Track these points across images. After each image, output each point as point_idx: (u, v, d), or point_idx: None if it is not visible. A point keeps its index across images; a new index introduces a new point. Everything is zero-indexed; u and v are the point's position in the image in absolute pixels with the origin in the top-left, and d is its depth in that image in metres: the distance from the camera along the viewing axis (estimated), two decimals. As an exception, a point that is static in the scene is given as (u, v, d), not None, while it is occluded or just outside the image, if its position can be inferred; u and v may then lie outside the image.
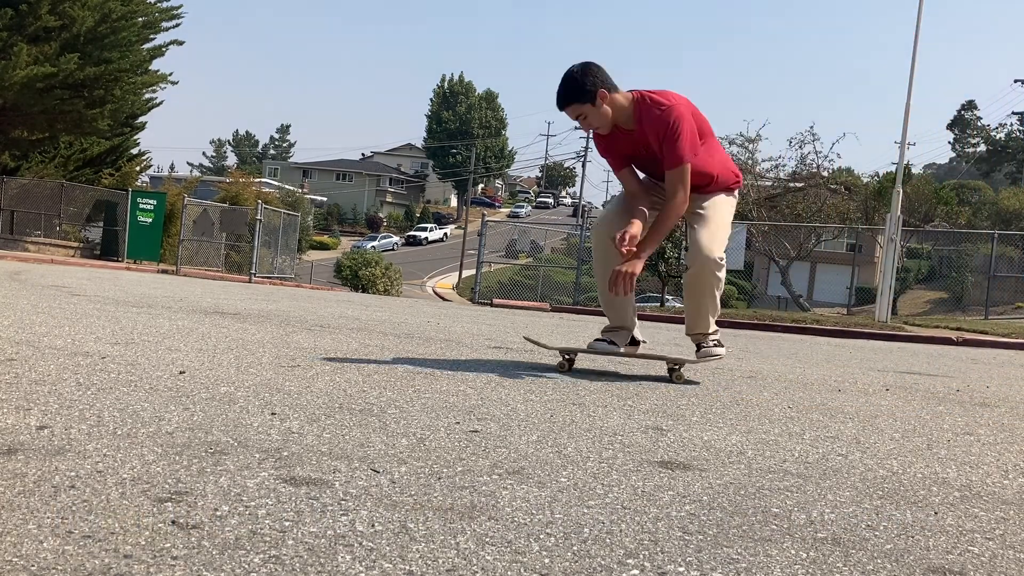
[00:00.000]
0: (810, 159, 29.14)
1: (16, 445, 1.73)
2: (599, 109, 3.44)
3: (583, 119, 3.50)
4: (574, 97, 3.44)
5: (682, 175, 3.45)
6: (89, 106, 17.67)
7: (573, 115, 3.50)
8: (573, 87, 3.43)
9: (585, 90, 3.42)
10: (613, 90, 3.47)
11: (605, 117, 3.47)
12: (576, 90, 3.43)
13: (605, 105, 3.44)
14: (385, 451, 1.94)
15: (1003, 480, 2.15)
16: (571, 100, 3.45)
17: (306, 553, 1.26)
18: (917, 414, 3.23)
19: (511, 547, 1.36)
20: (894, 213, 12.41)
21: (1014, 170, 67.19)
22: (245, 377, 2.85)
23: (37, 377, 2.53)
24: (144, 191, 21.60)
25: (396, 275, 28.15)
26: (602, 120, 3.48)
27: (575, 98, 3.44)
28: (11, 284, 7.21)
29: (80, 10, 16.60)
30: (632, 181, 3.69)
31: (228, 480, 1.60)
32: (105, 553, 1.20)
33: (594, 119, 3.48)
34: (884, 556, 1.45)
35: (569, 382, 3.39)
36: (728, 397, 3.32)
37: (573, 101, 3.45)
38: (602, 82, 3.44)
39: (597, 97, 3.42)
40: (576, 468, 1.92)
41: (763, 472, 2.03)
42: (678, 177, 3.45)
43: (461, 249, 43.56)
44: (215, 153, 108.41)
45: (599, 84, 3.43)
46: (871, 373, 4.84)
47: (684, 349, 4.76)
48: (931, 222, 30.77)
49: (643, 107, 3.48)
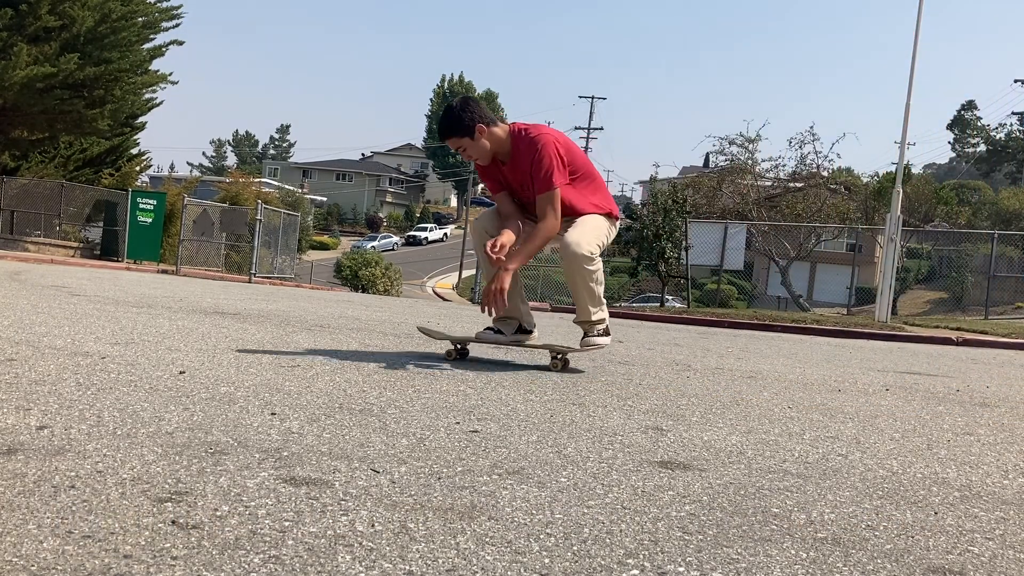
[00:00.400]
0: (810, 159, 29.13)
1: (16, 445, 1.73)
2: (477, 143, 3.66)
3: (463, 151, 3.72)
4: (453, 131, 3.67)
5: (551, 199, 3.63)
6: (89, 106, 17.67)
7: (453, 147, 3.73)
8: (452, 121, 3.66)
9: (464, 124, 3.64)
10: (491, 124, 3.68)
11: (483, 149, 3.69)
12: (455, 124, 3.65)
13: (483, 139, 3.66)
14: (385, 451, 1.94)
15: (1003, 480, 2.15)
16: (451, 134, 3.68)
17: (306, 553, 1.26)
18: (917, 414, 3.23)
19: (511, 547, 1.36)
20: (894, 213, 12.41)
21: (1014, 170, 67.20)
22: (245, 377, 2.85)
23: (37, 377, 2.53)
24: (144, 191, 21.58)
25: (396, 275, 28.18)
26: (480, 152, 3.70)
27: (454, 132, 3.66)
28: (11, 284, 7.21)
29: (80, 10, 16.60)
30: (507, 204, 3.84)
31: (228, 480, 1.60)
32: (105, 553, 1.20)
33: (472, 151, 3.70)
34: (884, 556, 1.45)
35: (569, 382, 3.39)
36: (728, 397, 3.33)
37: (453, 135, 3.68)
38: (480, 117, 3.66)
39: (475, 131, 3.64)
40: (576, 468, 1.92)
41: (763, 472, 2.03)
42: (547, 201, 3.63)
43: (461, 249, 43.57)
44: (215, 153, 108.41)
45: (477, 119, 3.64)
46: (871, 373, 4.84)
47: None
48: (931, 222, 30.78)
49: (517, 138, 3.69)
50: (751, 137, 29.38)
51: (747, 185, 29.36)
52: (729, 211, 27.68)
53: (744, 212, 27.85)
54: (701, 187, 29.49)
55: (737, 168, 29.67)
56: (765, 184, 30.40)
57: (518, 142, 3.68)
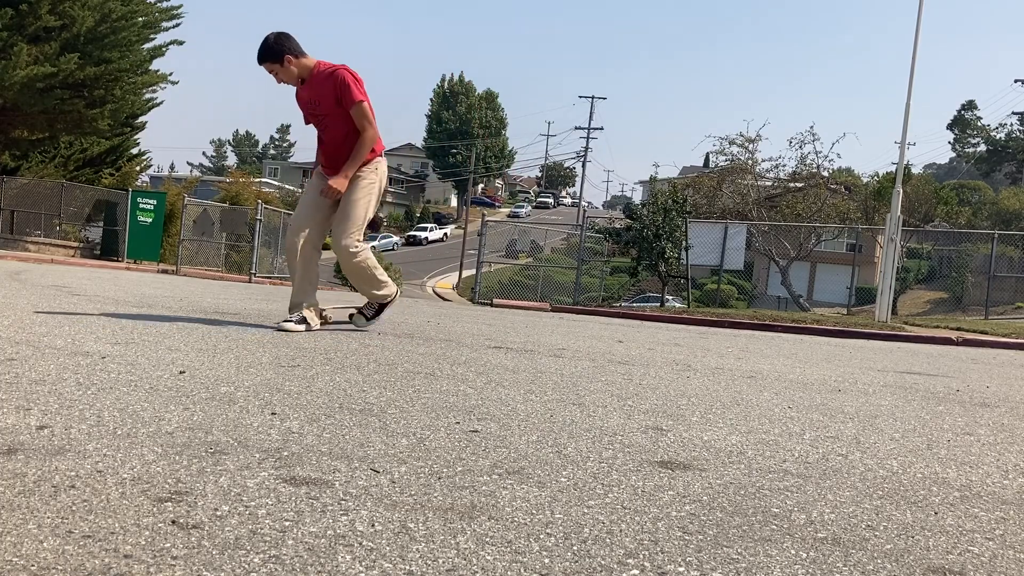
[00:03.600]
0: (810, 159, 29.15)
1: (16, 445, 1.73)
2: (287, 68, 4.56)
3: (275, 74, 4.59)
4: (268, 57, 4.53)
5: (363, 112, 4.58)
6: (89, 106, 17.66)
7: (268, 70, 4.58)
8: (267, 49, 4.53)
9: (276, 51, 4.53)
10: (300, 55, 4.59)
11: (291, 74, 4.60)
12: (269, 51, 4.53)
13: (291, 67, 4.55)
14: (385, 451, 1.94)
15: (1003, 480, 2.15)
16: (266, 59, 4.54)
17: (306, 553, 1.26)
18: (917, 414, 3.23)
19: (511, 547, 1.36)
20: (894, 213, 12.41)
21: (1014, 170, 67.19)
22: (245, 377, 2.85)
23: (37, 377, 2.53)
24: (144, 191, 21.57)
25: (396, 275, 28.15)
26: (289, 76, 4.60)
27: (268, 58, 4.53)
28: (11, 284, 7.21)
29: (80, 10, 16.59)
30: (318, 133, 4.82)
31: (228, 480, 1.60)
32: (105, 553, 1.20)
33: (283, 75, 4.60)
34: (884, 556, 1.45)
35: (569, 382, 3.39)
36: (728, 397, 3.32)
37: (267, 60, 4.54)
38: (290, 49, 4.55)
39: (284, 60, 4.53)
40: (576, 468, 1.92)
41: (763, 472, 2.03)
42: (360, 114, 4.58)
43: (461, 249, 43.54)
44: (215, 153, 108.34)
45: (286, 50, 4.53)
46: (871, 373, 4.84)
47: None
48: (931, 222, 30.78)
49: (318, 68, 4.60)
50: (751, 137, 29.42)
51: (747, 185, 29.36)
52: (729, 211, 27.68)
53: (744, 212, 27.85)
54: (701, 187, 29.51)
55: (737, 168, 29.68)
56: (765, 184, 30.41)
57: (319, 71, 4.60)
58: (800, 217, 27.33)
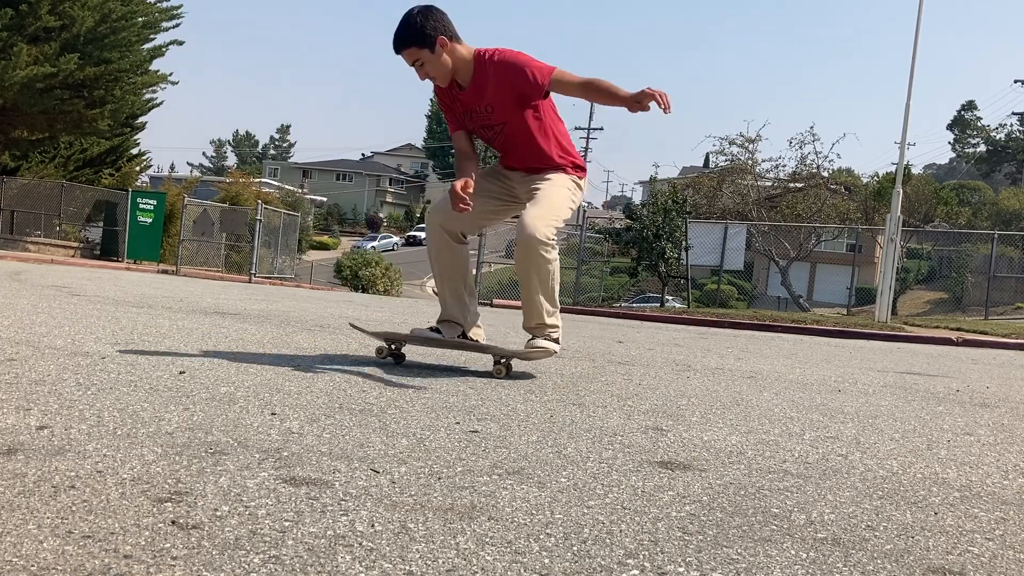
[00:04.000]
0: (810, 159, 29.13)
1: (16, 445, 1.73)
2: (438, 57, 3.28)
3: (419, 65, 3.31)
4: (413, 40, 3.26)
5: (562, 76, 3.33)
6: (89, 106, 17.67)
7: (410, 60, 3.31)
8: (412, 30, 3.25)
9: (425, 34, 3.24)
10: (455, 39, 3.32)
11: (444, 67, 3.31)
12: (415, 34, 3.25)
13: (445, 54, 3.28)
14: (385, 451, 1.94)
15: (1003, 480, 2.15)
16: (409, 43, 3.27)
17: (306, 553, 1.26)
18: (917, 414, 3.23)
19: (511, 547, 1.36)
20: (894, 213, 12.41)
21: (1014, 170, 67.20)
22: (245, 377, 2.85)
23: (37, 377, 2.53)
24: (144, 191, 21.59)
25: (396, 275, 28.14)
26: (440, 70, 3.32)
27: (413, 41, 3.26)
28: (11, 284, 7.21)
29: (80, 10, 16.59)
30: (464, 142, 3.53)
31: (228, 480, 1.60)
32: (105, 553, 1.20)
33: (431, 67, 3.30)
34: (884, 556, 1.45)
35: (569, 382, 3.39)
36: (728, 397, 3.32)
37: (411, 44, 3.27)
38: (444, 28, 3.28)
39: (436, 43, 3.26)
40: (576, 468, 1.92)
41: (763, 472, 2.03)
42: (563, 79, 3.33)
43: (461, 249, 43.47)
44: (215, 153, 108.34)
45: (440, 30, 3.26)
46: (871, 373, 4.84)
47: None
48: (931, 222, 30.79)
49: (481, 62, 3.35)
50: (751, 137, 29.39)
51: (747, 185, 29.35)
52: (729, 211, 27.68)
53: (744, 212, 27.85)
54: (701, 187, 29.50)
55: (737, 168, 29.67)
56: (765, 184, 30.40)
57: (484, 66, 3.33)
58: (800, 217, 27.33)
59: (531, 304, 3.41)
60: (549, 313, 3.44)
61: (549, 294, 3.41)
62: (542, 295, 3.39)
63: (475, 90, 3.38)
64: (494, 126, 3.44)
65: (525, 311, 3.45)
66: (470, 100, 3.41)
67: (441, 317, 3.63)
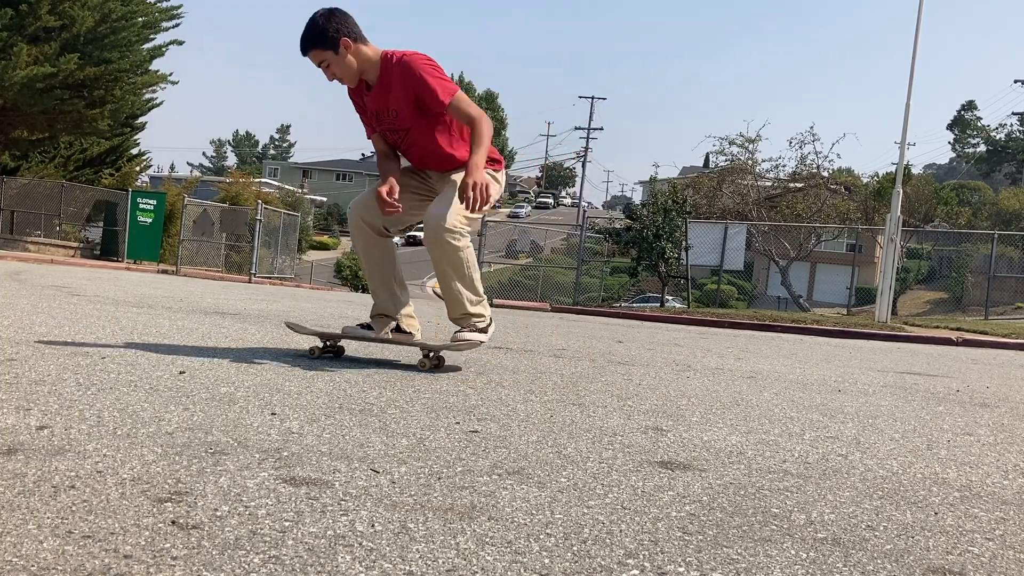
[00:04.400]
0: (810, 159, 29.15)
1: (16, 445, 1.73)
2: (343, 58, 3.33)
3: (326, 67, 3.37)
4: (316, 43, 3.32)
5: (460, 102, 3.33)
6: (89, 106, 17.67)
7: (316, 61, 3.37)
8: (315, 33, 3.32)
9: (328, 36, 3.31)
10: (360, 41, 3.36)
11: (350, 67, 3.36)
12: (319, 36, 3.31)
13: (349, 55, 3.34)
14: (385, 451, 1.94)
15: (1003, 480, 2.15)
16: (313, 46, 3.34)
17: (306, 553, 1.26)
18: (917, 414, 3.23)
19: (511, 547, 1.36)
20: (894, 213, 12.41)
21: (1014, 170, 67.21)
22: (245, 377, 2.85)
23: (37, 377, 2.53)
24: (144, 191, 21.59)
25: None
26: (346, 70, 3.37)
27: (317, 44, 3.32)
28: (11, 284, 7.21)
29: (80, 10, 16.59)
30: (383, 144, 3.57)
31: (228, 480, 1.60)
32: (105, 553, 1.20)
33: (337, 68, 3.36)
34: (884, 556, 1.45)
35: (569, 382, 3.39)
36: (728, 397, 3.32)
37: (315, 47, 3.33)
38: (347, 30, 3.33)
39: (340, 45, 3.31)
40: (576, 468, 1.92)
41: (763, 472, 2.03)
42: (460, 106, 3.33)
43: (461, 249, 43.48)
44: (215, 153, 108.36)
45: (343, 32, 3.32)
46: (871, 373, 4.84)
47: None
48: (931, 222, 30.79)
49: (387, 63, 3.38)
50: (751, 137, 29.41)
51: (747, 185, 29.35)
52: (729, 211, 27.68)
53: (744, 212, 27.84)
54: (701, 187, 29.51)
55: (737, 168, 29.68)
56: (765, 184, 30.41)
57: (389, 68, 3.36)
58: (800, 217, 27.33)
59: (450, 294, 3.42)
60: (472, 302, 3.44)
61: (468, 283, 3.41)
62: (460, 284, 3.39)
63: (381, 90, 3.41)
64: (399, 130, 3.47)
65: (446, 302, 3.47)
66: (376, 101, 3.45)
67: (373, 312, 3.68)
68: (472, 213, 3.27)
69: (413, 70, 3.31)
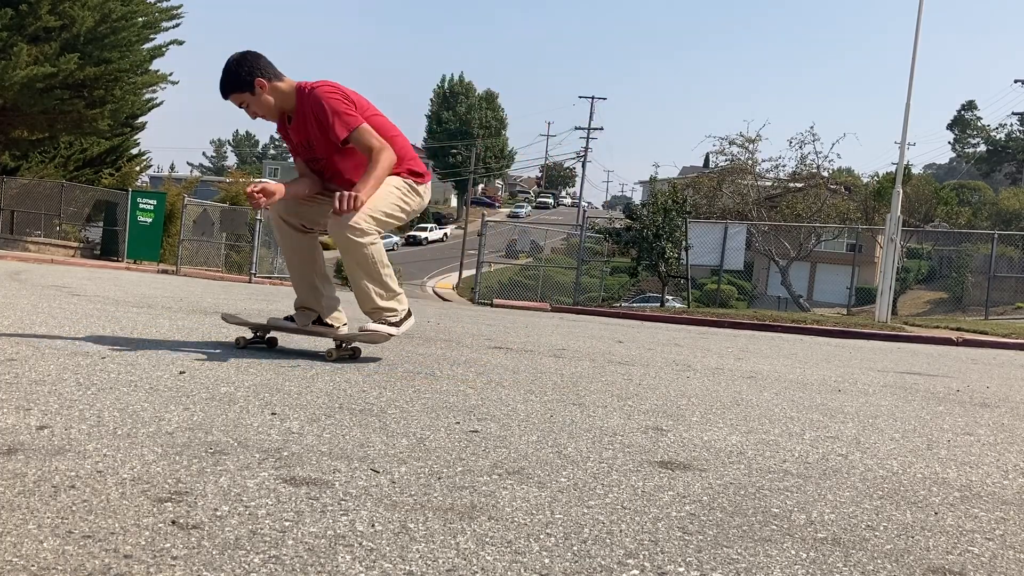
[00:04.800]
0: (810, 159, 29.15)
1: (16, 445, 1.73)
2: (259, 98, 3.52)
3: (246, 107, 3.56)
4: (233, 87, 3.51)
5: (362, 134, 3.46)
6: (89, 106, 17.66)
7: (236, 103, 3.56)
8: (231, 78, 3.51)
9: (242, 79, 3.49)
10: (274, 79, 3.54)
11: (267, 105, 3.55)
12: (234, 81, 3.51)
13: (265, 94, 3.52)
14: (385, 451, 1.94)
15: (1003, 480, 2.15)
16: (231, 90, 3.52)
17: (306, 553, 1.26)
18: (917, 414, 3.23)
19: (511, 547, 1.36)
20: (894, 213, 12.41)
21: (1014, 170, 67.22)
22: (245, 377, 2.85)
23: (37, 377, 2.53)
24: (144, 191, 21.59)
25: (397, 275, 28.18)
26: (264, 108, 3.56)
27: (234, 88, 3.51)
28: (11, 284, 7.21)
29: (80, 10, 16.59)
30: (304, 167, 3.76)
31: (228, 480, 1.60)
32: (105, 553, 1.20)
33: (257, 107, 3.55)
34: (884, 556, 1.45)
35: (569, 382, 3.39)
36: (728, 397, 3.32)
37: (233, 91, 3.52)
38: (260, 71, 3.51)
39: (255, 86, 3.49)
40: (576, 468, 1.92)
41: (763, 472, 2.03)
42: (362, 140, 3.46)
43: (461, 249, 43.54)
44: (215, 153, 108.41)
45: (256, 73, 3.50)
46: (871, 373, 4.84)
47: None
48: (931, 222, 30.79)
49: (301, 95, 3.54)
50: (751, 137, 29.42)
51: (747, 185, 29.36)
52: (729, 211, 27.69)
53: (744, 212, 27.85)
54: (701, 187, 29.51)
55: (737, 168, 29.69)
56: (765, 184, 30.41)
57: (303, 99, 3.53)
58: (800, 217, 27.33)
59: (359, 289, 3.54)
60: (382, 297, 3.56)
61: (376, 279, 3.53)
62: (367, 280, 3.51)
63: (299, 121, 3.59)
64: (318, 159, 3.65)
65: (356, 296, 3.59)
66: (296, 132, 3.63)
67: (296, 304, 3.83)
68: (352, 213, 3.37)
69: (319, 102, 3.48)
